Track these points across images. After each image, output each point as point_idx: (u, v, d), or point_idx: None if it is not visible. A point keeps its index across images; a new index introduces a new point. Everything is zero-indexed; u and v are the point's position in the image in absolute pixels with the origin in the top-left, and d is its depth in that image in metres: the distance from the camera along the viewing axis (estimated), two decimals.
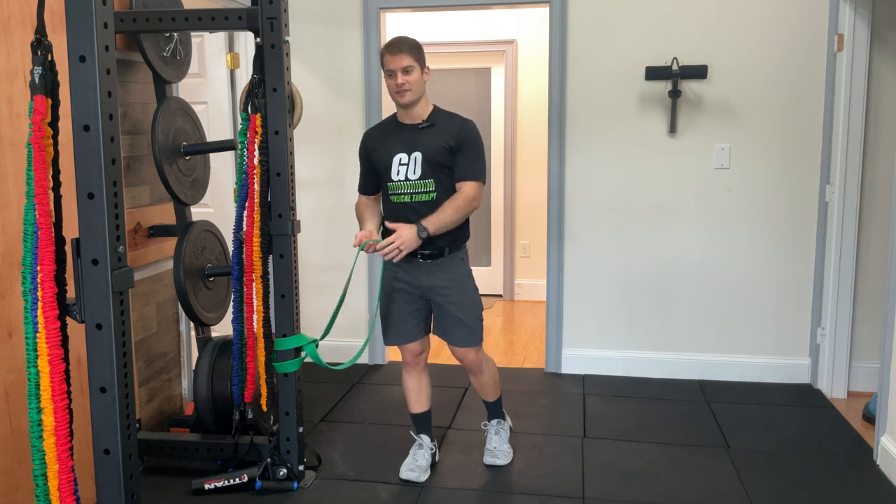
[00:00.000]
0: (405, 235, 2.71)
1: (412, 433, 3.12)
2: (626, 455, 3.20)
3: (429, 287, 2.89)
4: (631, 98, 4.03)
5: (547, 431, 3.47)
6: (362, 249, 2.75)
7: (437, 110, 2.87)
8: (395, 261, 2.76)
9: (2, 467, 2.28)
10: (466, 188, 2.81)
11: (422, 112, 2.83)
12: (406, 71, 2.72)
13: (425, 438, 3.07)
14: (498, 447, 3.11)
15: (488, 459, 3.08)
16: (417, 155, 2.79)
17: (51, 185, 1.81)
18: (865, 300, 3.91)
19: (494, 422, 3.16)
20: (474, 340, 2.92)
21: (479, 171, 2.82)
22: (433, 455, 3.08)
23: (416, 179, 2.79)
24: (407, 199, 2.82)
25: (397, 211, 2.85)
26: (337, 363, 2.95)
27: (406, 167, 2.80)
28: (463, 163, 2.81)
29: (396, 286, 2.92)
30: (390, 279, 2.93)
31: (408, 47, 2.74)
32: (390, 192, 2.85)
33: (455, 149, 2.79)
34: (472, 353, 2.94)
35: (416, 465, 3.00)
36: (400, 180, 2.81)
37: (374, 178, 2.92)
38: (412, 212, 2.81)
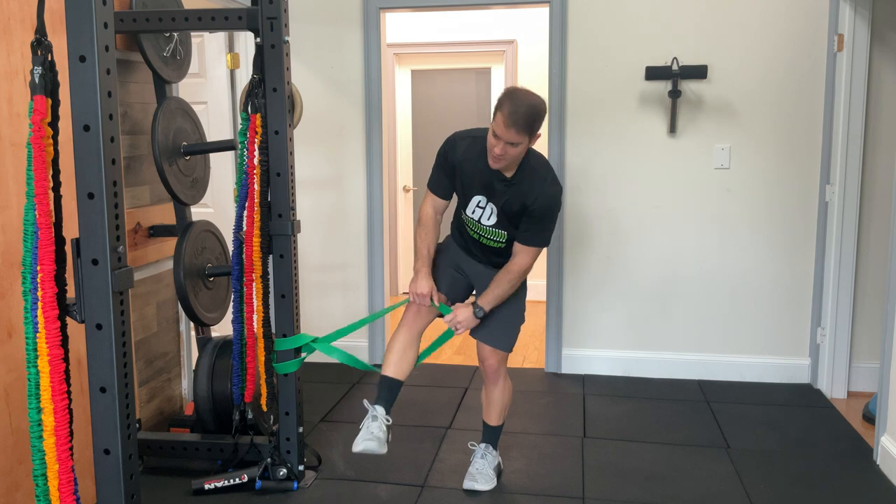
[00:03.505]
0: (461, 316, 2.75)
1: (365, 402, 2.73)
2: (626, 455, 3.20)
3: (477, 274, 2.88)
4: (631, 98, 4.03)
5: (547, 431, 3.47)
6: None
7: (523, 168, 2.66)
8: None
9: (2, 467, 2.28)
10: (523, 257, 2.72)
11: (511, 168, 2.66)
12: (512, 144, 2.52)
13: (380, 409, 2.70)
14: (481, 470, 2.93)
15: (467, 483, 2.90)
16: (494, 207, 2.72)
17: (51, 185, 1.81)
18: (865, 300, 3.91)
19: (483, 445, 2.99)
20: (504, 345, 2.87)
21: (543, 240, 2.73)
22: (389, 429, 2.70)
23: (490, 227, 2.75)
24: (476, 236, 2.81)
25: (466, 238, 2.86)
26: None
27: (483, 211, 2.74)
28: (530, 229, 2.69)
29: (458, 252, 2.90)
30: (460, 245, 2.91)
31: (525, 125, 2.49)
32: (463, 219, 2.83)
33: (529, 213, 2.67)
34: (496, 357, 2.87)
35: (372, 435, 2.63)
36: (474, 219, 2.77)
37: (450, 186, 2.82)
38: (478, 248, 2.83)
